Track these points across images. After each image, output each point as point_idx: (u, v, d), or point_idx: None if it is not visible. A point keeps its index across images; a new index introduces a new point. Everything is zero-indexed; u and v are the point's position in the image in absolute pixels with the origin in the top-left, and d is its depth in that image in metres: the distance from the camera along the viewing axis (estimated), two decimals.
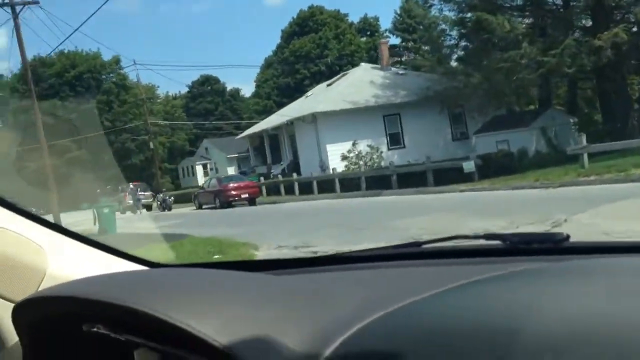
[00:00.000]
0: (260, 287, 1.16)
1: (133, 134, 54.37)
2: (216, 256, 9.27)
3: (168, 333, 0.96)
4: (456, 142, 28.57)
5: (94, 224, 18.46)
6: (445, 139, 28.41)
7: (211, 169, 59.95)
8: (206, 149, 62.87)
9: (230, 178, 27.70)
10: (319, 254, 2.39)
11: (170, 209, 29.12)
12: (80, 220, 19.87)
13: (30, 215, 1.48)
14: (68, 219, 24.22)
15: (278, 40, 63.34)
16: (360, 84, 30.46)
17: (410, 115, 28.28)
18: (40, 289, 1.33)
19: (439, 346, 0.79)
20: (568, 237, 1.22)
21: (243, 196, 24.81)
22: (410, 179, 20.37)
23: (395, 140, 28.66)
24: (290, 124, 30.89)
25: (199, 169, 60.38)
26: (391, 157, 27.33)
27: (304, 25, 60.39)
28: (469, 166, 18.88)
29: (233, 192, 24.74)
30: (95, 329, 1.09)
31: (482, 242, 1.36)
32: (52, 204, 24.02)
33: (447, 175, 19.25)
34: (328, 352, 0.85)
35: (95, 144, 54.91)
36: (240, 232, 12.18)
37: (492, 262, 1.23)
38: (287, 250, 9.01)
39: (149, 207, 32.46)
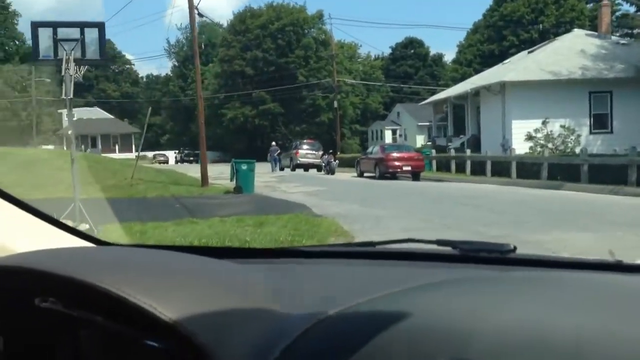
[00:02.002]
0: (217, 273, 1.16)
1: (325, 91, 53.73)
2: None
3: (117, 310, 0.93)
4: None
5: (231, 179, 17.30)
6: None
7: (400, 135, 57.75)
8: (398, 113, 60.63)
9: (396, 147, 25.01)
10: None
11: (333, 173, 27.44)
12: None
13: None
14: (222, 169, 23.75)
15: (490, 3, 58.13)
16: (568, 53, 25.59)
17: (625, 95, 23.07)
18: None
19: (384, 348, 0.82)
20: (515, 248, 1.30)
21: (405, 168, 22.09)
22: (606, 172, 16.05)
23: (601, 123, 23.65)
24: (476, 93, 27.13)
25: (388, 134, 58.48)
26: (593, 143, 22.61)
27: None
28: None
29: (396, 163, 22.12)
30: (46, 304, 1.03)
31: (434, 247, 1.42)
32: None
33: None
34: (277, 352, 0.87)
35: (287, 98, 55.70)
36: (366, 212, 10.92)
37: (442, 267, 1.30)
38: None
39: (319, 168, 31.22)
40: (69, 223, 8.20)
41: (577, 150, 20.15)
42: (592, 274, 1.19)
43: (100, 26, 9.36)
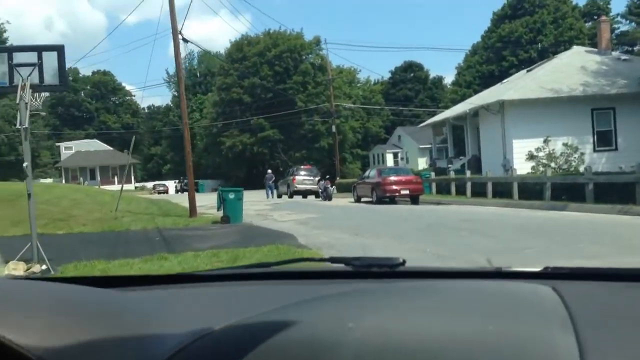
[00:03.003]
0: (94, 302, 1.13)
1: (323, 116, 53.19)
2: None
3: None
4: None
5: (218, 209, 16.52)
6: None
7: (402, 159, 57.14)
8: (399, 137, 60.09)
9: (393, 170, 24.19)
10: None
11: (330, 199, 26.65)
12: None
13: None
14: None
15: (489, 24, 57.83)
16: (568, 70, 24.92)
17: (628, 111, 22.35)
18: None
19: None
20: (404, 262, 1.35)
21: (403, 192, 21.26)
22: (613, 191, 15.21)
23: (604, 140, 22.85)
24: (475, 114, 26.41)
25: (389, 157, 57.90)
26: (597, 161, 21.80)
27: (519, 7, 54.09)
28: None
29: (393, 187, 21.30)
30: None
31: (327, 265, 1.47)
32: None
33: None
34: None
35: (286, 124, 55.13)
36: (355, 242, 10.28)
37: (334, 284, 1.33)
38: None
39: (317, 194, 30.44)
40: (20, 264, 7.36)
41: (581, 168, 19.33)
42: (470, 282, 1.27)
43: (60, 49, 8.66)
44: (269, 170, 36.80)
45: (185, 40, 18.00)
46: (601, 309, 0.99)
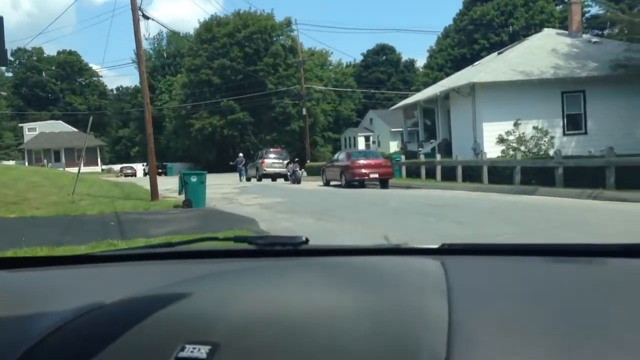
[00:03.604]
0: None
1: (294, 98, 52.48)
2: None
3: None
4: None
5: (179, 192, 15.91)
6: None
7: (373, 142, 56.82)
8: (371, 120, 59.73)
9: (362, 154, 23.75)
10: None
11: (299, 182, 26.12)
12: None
13: None
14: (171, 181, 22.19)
15: (460, 7, 57.56)
16: (538, 52, 24.67)
17: (598, 94, 22.17)
18: None
19: (134, 334, 0.86)
20: (307, 240, 1.36)
21: (372, 176, 20.84)
22: (583, 175, 15.00)
23: (574, 124, 22.68)
24: (446, 96, 26.07)
25: (361, 141, 57.54)
26: (567, 145, 21.66)
27: None
28: None
29: (362, 170, 20.86)
30: None
31: (231, 244, 1.49)
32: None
33: (638, 176, 13.65)
34: (19, 354, 0.87)
35: (257, 106, 54.28)
36: (319, 227, 9.81)
37: (237, 262, 1.34)
38: None
39: (286, 177, 29.91)
40: None
41: (551, 152, 19.16)
42: (366, 258, 1.30)
43: None
44: (240, 154, 36.22)
45: (146, 17, 17.23)
46: (479, 281, 1.04)
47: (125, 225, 11.52)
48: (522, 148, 20.30)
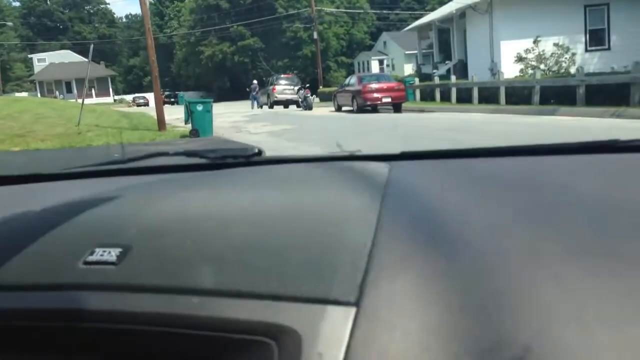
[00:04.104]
0: None
1: (305, 22, 50.92)
2: None
3: None
4: None
5: (185, 122, 15.52)
6: None
7: (387, 65, 55.37)
8: (384, 43, 57.96)
9: (374, 77, 22.93)
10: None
11: (310, 108, 25.54)
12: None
13: None
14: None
15: None
16: None
17: (623, 7, 20.94)
18: None
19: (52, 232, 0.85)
20: (260, 152, 1.33)
21: (385, 100, 20.18)
22: (606, 93, 14.27)
23: (597, 39, 21.58)
24: (462, 14, 24.89)
25: (375, 65, 56.08)
26: (589, 62, 20.67)
27: None
28: None
29: (374, 95, 20.19)
30: None
31: (183, 158, 1.42)
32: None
33: None
34: None
35: (267, 31, 52.82)
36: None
37: (188, 176, 1.29)
38: None
39: (298, 104, 29.31)
40: None
41: (572, 70, 18.28)
42: (318, 164, 1.28)
43: None
44: (255, 81, 35.47)
45: None
46: (420, 181, 1.03)
47: (129, 157, 11.23)
48: (542, 66, 19.38)
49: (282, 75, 33.99)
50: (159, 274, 0.71)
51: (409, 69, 48.01)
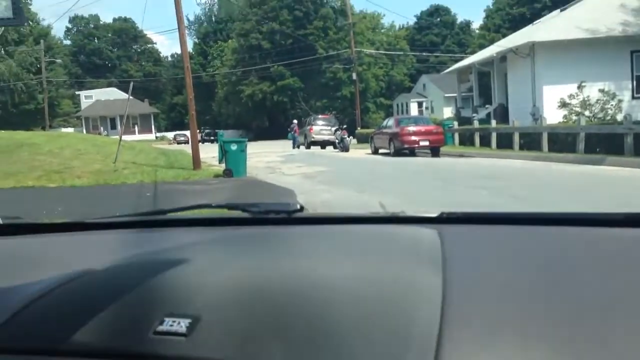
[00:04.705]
0: None
1: (345, 63, 51.26)
2: None
3: None
4: None
5: (219, 161, 15.44)
6: None
7: (426, 108, 55.18)
8: (424, 85, 57.92)
9: (412, 120, 22.64)
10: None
11: (347, 150, 25.32)
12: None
13: None
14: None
15: None
16: (606, 8, 22.75)
17: None
18: None
19: (118, 302, 0.85)
20: (302, 208, 1.32)
21: (422, 143, 19.82)
22: None
23: None
24: (503, 58, 24.55)
25: (414, 107, 55.96)
26: (637, 109, 20.00)
27: None
28: None
29: (412, 138, 19.85)
30: None
31: (225, 211, 1.46)
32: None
33: None
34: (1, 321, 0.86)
35: (307, 72, 53.34)
36: (359, 200, 8.91)
37: (231, 230, 1.32)
38: None
39: (334, 145, 29.12)
40: None
41: (619, 117, 17.65)
42: (361, 226, 1.26)
43: None
44: (295, 120, 35.71)
45: None
46: (475, 250, 1.02)
47: (161, 197, 11.17)
48: (587, 113, 18.81)
49: (320, 116, 34.00)
50: (229, 347, 0.71)
51: (448, 112, 47.64)
